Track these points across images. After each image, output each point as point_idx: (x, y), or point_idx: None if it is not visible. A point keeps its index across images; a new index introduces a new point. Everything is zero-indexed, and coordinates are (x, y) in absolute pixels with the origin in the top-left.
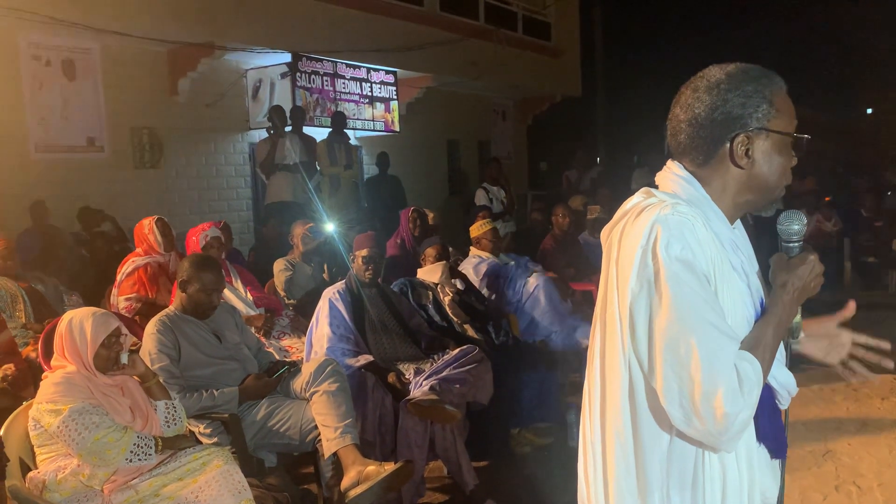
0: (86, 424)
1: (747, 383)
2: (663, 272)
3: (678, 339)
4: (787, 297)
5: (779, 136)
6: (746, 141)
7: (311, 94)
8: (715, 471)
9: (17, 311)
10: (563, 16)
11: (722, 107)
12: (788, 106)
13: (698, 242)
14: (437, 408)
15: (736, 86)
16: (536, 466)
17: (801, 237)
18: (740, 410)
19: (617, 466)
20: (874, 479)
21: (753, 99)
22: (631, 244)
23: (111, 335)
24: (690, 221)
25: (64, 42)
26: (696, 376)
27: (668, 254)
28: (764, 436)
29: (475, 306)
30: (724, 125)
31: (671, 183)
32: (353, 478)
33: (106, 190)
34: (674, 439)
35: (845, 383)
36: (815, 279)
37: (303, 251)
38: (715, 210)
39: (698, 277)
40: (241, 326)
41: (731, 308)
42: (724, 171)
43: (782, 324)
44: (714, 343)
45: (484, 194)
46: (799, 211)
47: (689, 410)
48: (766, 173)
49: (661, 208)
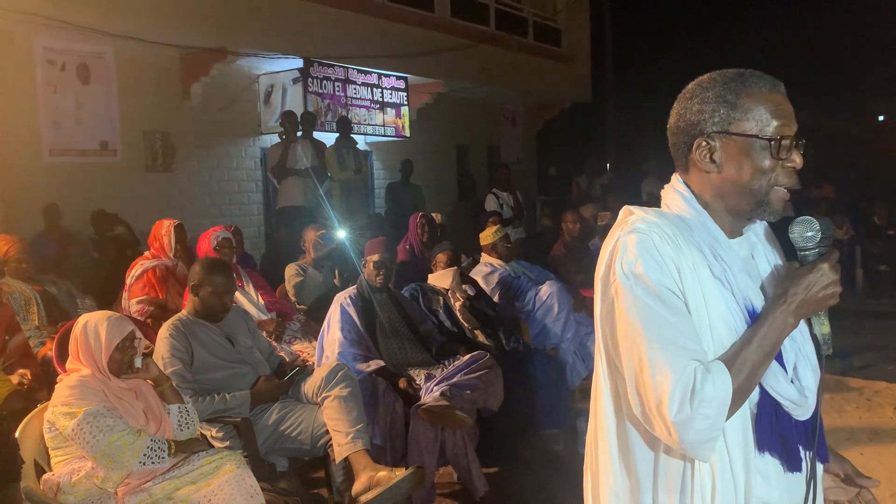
0: (100, 427)
1: (699, 395)
2: (620, 289)
3: (632, 351)
4: (782, 308)
5: (744, 139)
6: (706, 146)
7: (322, 100)
8: (705, 476)
9: (31, 314)
10: (574, 22)
11: (683, 115)
12: (768, 106)
13: (660, 257)
14: (448, 413)
15: (698, 93)
16: (547, 473)
17: (817, 244)
18: (688, 420)
19: (612, 470)
20: (886, 489)
21: (710, 104)
22: (599, 263)
23: (126, 339)
24: (648, 237)
25: (78, 47)
26: (647, 386)
27: (624, 271)
28: (765, 445)
29: (486, 312)
30: (686, 132)
31: (665, 195)
32: (364, 483)
33: (118, 194)
34: (663, 443)
35: (857, 392)
36: (827, 288)
37: (314, 257)
38: (704, 221)
39: (654, 292)
40: (254, 330)
41: (714, 318)
42: (702, 177)
43: (771, 335)
44: (661, 354)
45: (494, 200)
46: (813, 217)
47: (648, 419)
48: (735, 176)
49: (622, 228)
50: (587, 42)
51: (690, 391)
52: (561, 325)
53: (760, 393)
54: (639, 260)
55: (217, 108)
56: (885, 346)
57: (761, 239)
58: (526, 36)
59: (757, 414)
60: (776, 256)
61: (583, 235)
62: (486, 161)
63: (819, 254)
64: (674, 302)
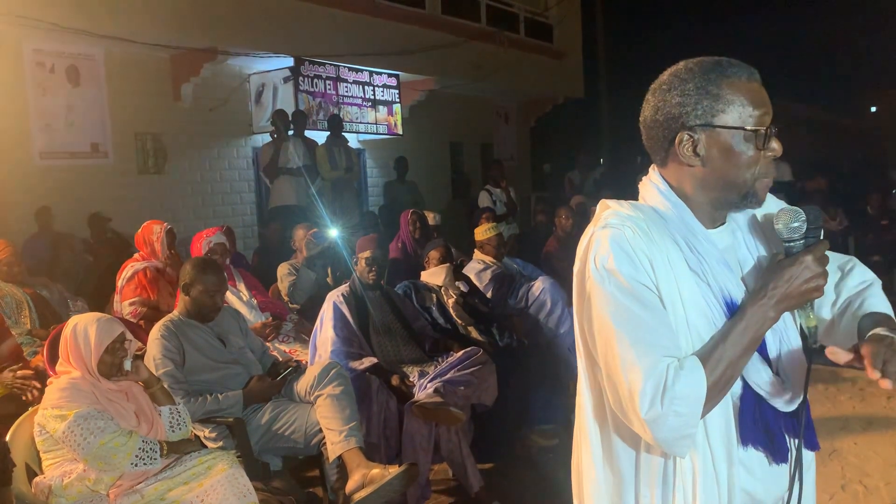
0: (91, 429)
1: (670, 392)
2: (593, 285)
3: (605, 347)
4: (761, 302)
5: (728, 131)
6: (690, 140)
7: (313, 98)
8: (687, 470)
9: (23, 318)
10: (566, 17)
11: (662, 108)
12: (748, 96)
13: (632, 251)
14: (442, 410)
15: (676, 84)
16: (542, 468)
17: (803, 235)
18: (659, 418)
19: (595, 464)
20: (880, 479)
21: (692, 96)
22: (576, 259)
23: (115, 341)
24: (620, 232)
25: (68, 48)
26: (620, 384)
27: (597, 266)
28: (749, 439)
29: (479, 308)
30: (666, 125)
31: (642, 188)
32: (358, 481)
33: (110, 196)
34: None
35: (851, 382)
36: (810, 282)
37: (306, 256)
38: (681, 213)
39: (626, 287)
40: (245, 330)
41: (691, 311)
42: (682, 170)
43: (749, 330)
44: (633, 351)
45: (487, 196)
46: (799, 207)
47: (624, 414)
48: (722, 169)
49: (596, 223)
50: (579, 38)
51: (662, 388)
52: (555, 321)
53: (742, 386)
54: (611, 255)
55: (208, 109)
56: None
57: (743, 228)
58: (517, 32)
59: (740, 407)
60: (759, 246)
61: (576, 230)
62: (479, 158)
63: (805, 245)
64: (647, 297)
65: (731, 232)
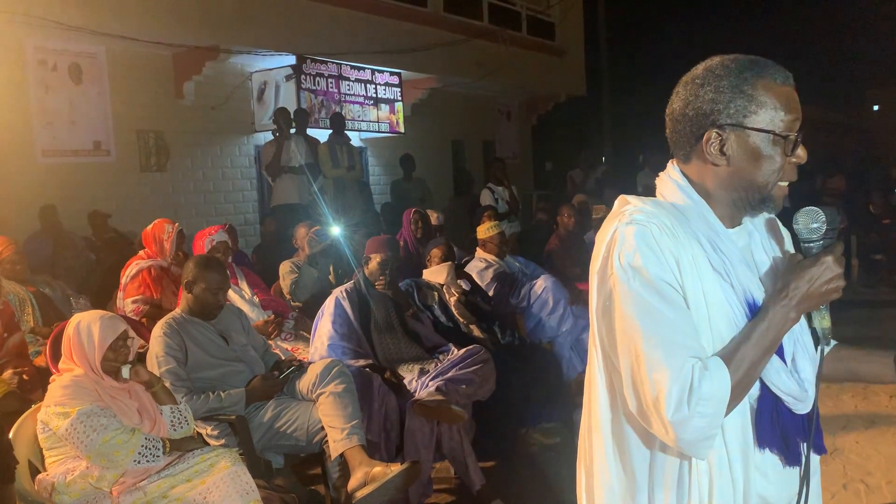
0: (94, 427)
1: (696, 393)
2: (617, 282)
3: (629, 347)
4: (783, 303)
5: (758, 134)
6: (718, 138)
7: (315, 97)
8: (702, 473)
9: (26, 315)
10: (568, 15)
11: (693, 102)
12: (781, 100)
13: (659, 249)
14: (444, 408)
15: (710, 80)
16: (544, 466)
17: (822, 236)
18: (685, 419)
19: (608, 465)
20: (882, 477)
21: (726, 94)
22: (595, 255)
23: (118, 338)
24: (647, 229)
25: (70, 46)
26: (644, 384)
27: (621, 264)
28: (765, 441)
29: (481, 306)
30: (696, 121)
31: (661, 185)
32: (360, 479)
33: (112, 193)
34: (659, 439)
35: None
36: (831, 283)
37: (308, 254)
38: (702, 211)
39: (652, 286)
40: (248, 328)
41: (714, 312)
42: (706, 168)
43: (771, 330)
44: (659, 351)
45: (489, 194)
46: (819, 208)
47: (645, 416)
48: (747, 171)
49: (619, 218)
50: (581, 35)
51: (688, 390)
52: (557, 319)
53: (761, 388)
54: (637, 252)
55: (210, 107)
56: (881, 335)
57: (759, 228)
58: (519, 30)
59: (757, 410)
60: (775, 247)
61: (578, 229)
62: (481, 156)
63: (823, 246)
64: (672, 297)
65: (748, 233)
